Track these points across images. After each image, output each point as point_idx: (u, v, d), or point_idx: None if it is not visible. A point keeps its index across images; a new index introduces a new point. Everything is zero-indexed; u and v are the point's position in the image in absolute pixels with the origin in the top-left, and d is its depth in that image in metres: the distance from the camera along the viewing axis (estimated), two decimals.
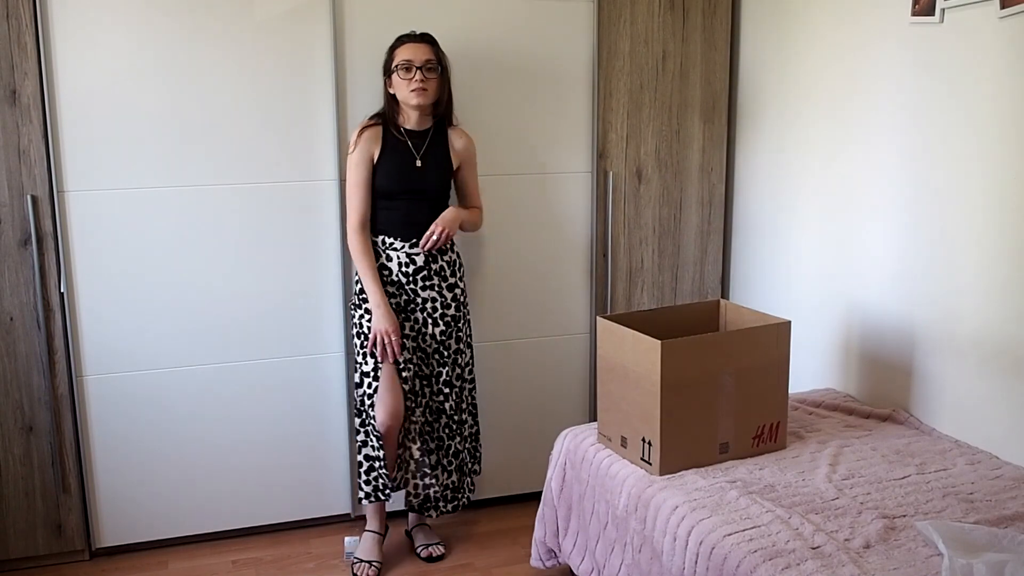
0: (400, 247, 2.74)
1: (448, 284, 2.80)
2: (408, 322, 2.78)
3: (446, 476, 2.87)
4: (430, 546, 2.92)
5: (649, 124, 3.21)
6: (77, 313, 2.80)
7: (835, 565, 1.85)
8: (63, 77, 2.67)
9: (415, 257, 2.75)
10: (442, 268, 2.79)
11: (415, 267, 2.75)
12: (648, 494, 2.24)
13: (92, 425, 2.87)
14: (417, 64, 2.66)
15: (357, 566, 2.84)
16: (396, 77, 2.68)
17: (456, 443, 2.87)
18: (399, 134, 2.74)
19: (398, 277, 2.76)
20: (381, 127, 2.75)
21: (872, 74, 2.71)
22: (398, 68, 2.67)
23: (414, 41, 2.70)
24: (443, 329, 2.80)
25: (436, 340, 2.80)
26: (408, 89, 2.67)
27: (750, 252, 3.35)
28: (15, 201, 2.68)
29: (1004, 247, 2.34)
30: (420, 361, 2.81)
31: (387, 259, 2.75)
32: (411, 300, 2.78)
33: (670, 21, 3.17)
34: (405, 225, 2.74)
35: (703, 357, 2.33)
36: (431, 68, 2.69)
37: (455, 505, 2.91)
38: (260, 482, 3.04)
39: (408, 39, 2.70)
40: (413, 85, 2.66)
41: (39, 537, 2.87)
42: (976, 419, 2.46)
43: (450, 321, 2.81)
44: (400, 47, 2.69)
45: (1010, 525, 2.01)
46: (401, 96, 2.70)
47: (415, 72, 2.66)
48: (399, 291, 2.76)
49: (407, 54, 2.67)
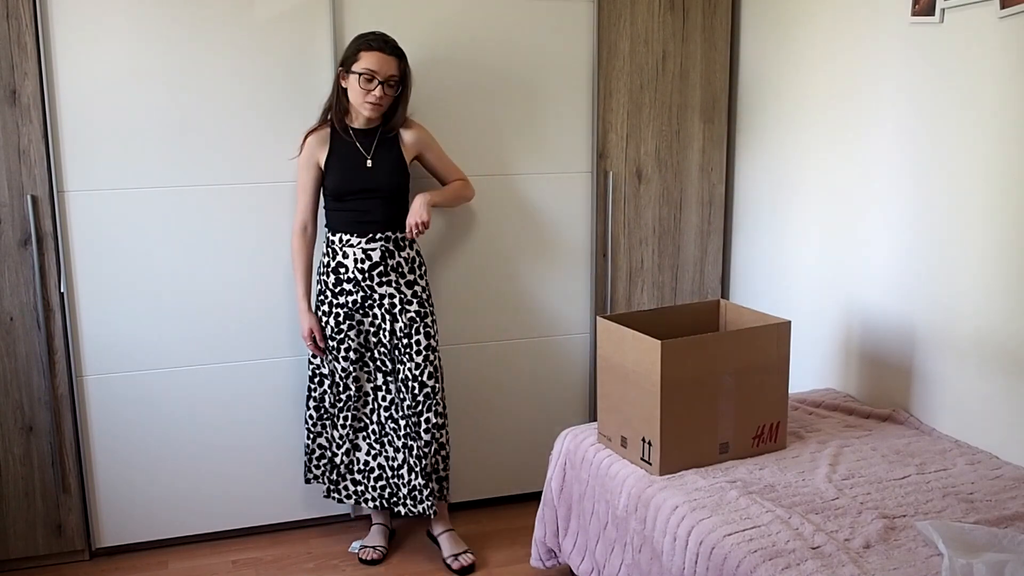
0: (356, 243, 2.72)
1: (407, 281, 2.78)
2: (367, 318, 2.77)
3: (413, 477, 2.80)
4: (460, 556, 2.87)
5: (649, 124, 3.21)
6: (77, 313, 2.80)
7: (835, 565, 1.85)
8: (63, 77, 2.67)
9: (371, 253, 2.73)
10: (399, 264, 2.77)
11: (371, 263, 2.73)
12: (648, 494, 2.24)
13: (92, 425, 2.87)
14: (380, 78, 2.62)
15: (363, 551, 2.93)
16: (354, 81, 2.63)
17: (419, 445, 2.78)
18: (347, 135, 2.72)
19: (354, 274, 2.74)
20: (328, 130, 2.72)
21: (872, 74, 2.71)
22: (360, 76, 2.61)
23: (383, 51, 2.61)
24: (403, 326, 2.76)
25: (396, 336, 2.76)
26: (364, 99, 2.63)
27: (750, 252, 3.35)
28: (15, 201, 2.68)
29: (1004, 247, 2.34)
30: (383, 356, 2.80)
31: (343, 256, 2.74)
32: (368, 296, 2.75)
33: (670, 21, 3.17)
34: (361, 223, 2.73)
35: (703, 357, 2.33)
36: (392, 84, 2.65)
37: (424, 507, 2.80)
38: (260, 482, 3.04)
39: (377, 46, 2.62)
40: (370, 98, 2.63)
41: (39, 537, 2.87)
42: (976, 419, 2.46)
43: (413, 317, 2.77)
44: (368, 52, 2.61)
45: (1010, 525, 2.01)
46: (354, 101, 2.66)
47: (376, 86, 2.62)
48: (356, 288, 2.75)
49: (373, 64, 2.60)
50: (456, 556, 2.87)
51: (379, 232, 2.74)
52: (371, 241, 2.73)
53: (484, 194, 3.08)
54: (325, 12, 2.84)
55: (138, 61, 2.72)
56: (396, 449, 2.83)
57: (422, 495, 2.80)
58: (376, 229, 2.73)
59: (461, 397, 3.17)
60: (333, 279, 2.76)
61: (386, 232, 2.75)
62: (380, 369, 2.82)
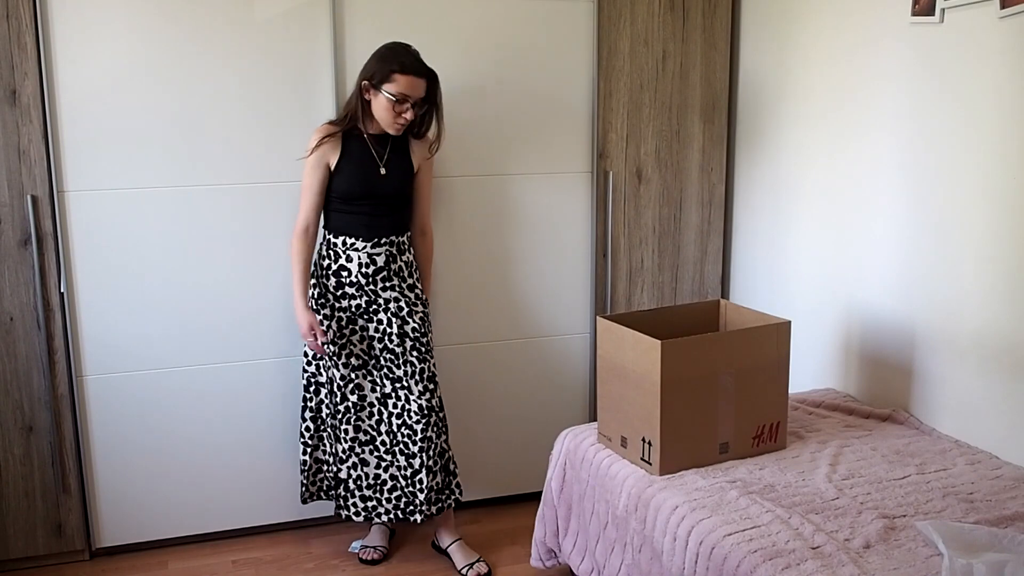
0: (362, 247, 2.70)
1: (408, 285, 2.77)
2: (371, 324, 2.76)
3: (431, 478, 2.78)
4: (475, 564, 2.85)
5: (649, 124, 3.21)
6: (77, 313, 2.80)
7: (835, 565, 1.85)
8: (63, 77, 2.67)
9: (376, 257, 2.71)
10: (401, 269, 2.76)
11: (375, 267, 2.71)
12: (648, 494, 2.24)
13: (92, 425, 2.87)
14: (412, 101, 2.60)
15: (363, 551, 2.92)
16: (384, 100, 2.59)
17: (442, 442, 2.81)
18: (362, 139, 2.69)
19: (358, 278, 2.72)
20: (340, 132, 2.69)
21: (872, 74, 2.71)
22: (393, 98, 2.57)
23: (419, 75, 2.58)
24: (416, 326, 2.74)
25: (411, 337, 2.74)
26: (394, 120, 2.61)
27: (750, 252, 3.35)
28: (15, 201, 2.68)
29: (1004, 247, 2.34)
30: (389, 364, 2.77)
31: (347, 260, 2.72)
32: (372, 301, 2.74)
33: (670, 21, 3.17)
34: (367, 227, 2.71)
35: (703, 357, 2.33)
36: (419, 104, 2.63)
37: (439, 507, 2.83)
38: (260, 482, 3.04)
39: (412, 71, 2.57)
40: (400, 120, 2.61)
41: (39, 537, 2.87)
42: (976, 419, 2.46)
43: (423, 316, 2.77)
44: (403, 76, 2.56)
45: (1010, 525, 2.01)
46: (380, 117, 2.63)
47: (407, 109, 2.60)
48: (359, 292, 2.73)
49: (407, 89, 2.57)
50: (471, 565, 2.84)
51: (385, 236, 2.73)
52: (377, 245, 2.71)
53: (484, 194, 3.08)
54: (325, 12, 2.84)
55: (138, 61, 2.72)
56: (412, 455, 2.78)
57: (439, 495, 2.81)
58: (383, 233, 2.72)
59: (461, 397, 3.17)
60: (334, 282, 2.74)
61: (391, 236, 2.74)
62: (388, 376, 2.78)
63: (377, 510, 2.86)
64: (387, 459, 2.83)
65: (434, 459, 2.79)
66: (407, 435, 2.78)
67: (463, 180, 3.07)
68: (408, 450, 2.78)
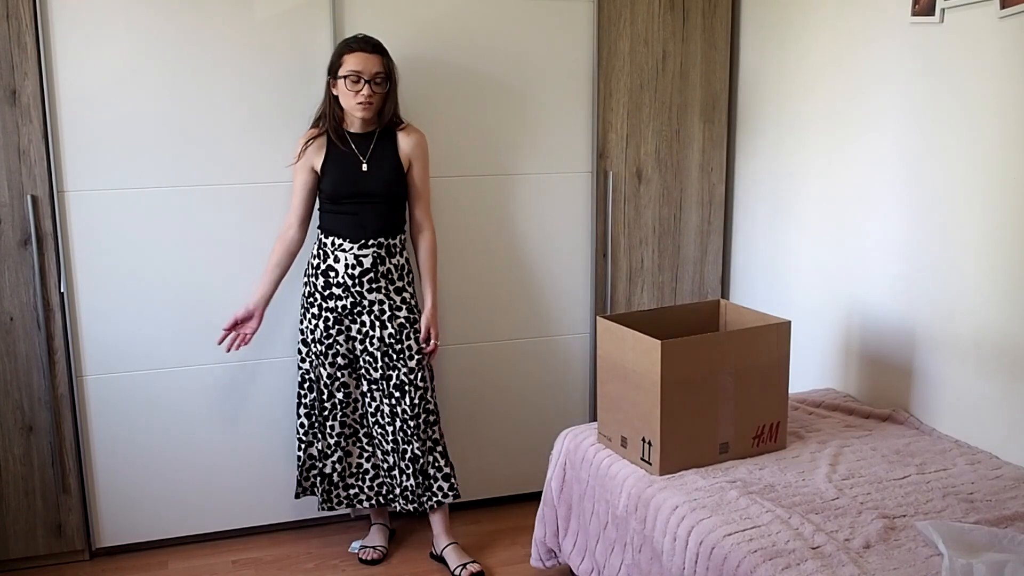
0: (349, 248, 2.71)
1: (396, 288, 2.77)
2: (355, 324, 2.77)
3: (405, 479, 2.82)
4: (467, 564, 2.85)
5: (649, 124, 3.21)
6: (77, 313, 2.80)
7: (835, 565, 1.85)
8: (63, 77, 2.67)
9: (362, 259, 2.72)
10: (389, 271, 2.76)
11: (362, 269, 2.72)
12: (648, 494, 2.24)
13: (92, 425, 2.87)
14: (366, 77, 2.62)
15: (363, 551, 2.93)
16: (342, 85, 2.63)
17: (414, 448, 2.79)
18: (343, 139, 2.71)
19: (344, 279, 2.73)
20: (325, 135, 2.72)
21: (872, 74, 2.71)
22: (346, 78, 2.61)
23: (365, 51, 2.62)
24: (392, 332, 2.76)
25: (385, 343, 2.76)
26: (355, 101, 2.63)
27: (750, 252, 3.35)
28: (15, 201, 2.68)
29: (1004, 247, 2.34)
30: (368, 364, 2.79)
31: (335, 260, 2.73)
32: (357, 303, 2.75)
33: (670, 21, 3.17)
34: (354, 227, 2.72)
35: (703, 357, 2.33)
36: (379, 81, 2.65)
37: (415, 506, 2.84)
38: (260, 482, 3.04)
39: (358, 47, 2.63)
40: (360, 99, 2.63)
41: (39, 537, 2.87)
42: (976, 419, 2.46)
43: (403, 323, 2.77)
44: (349, 55, 2.62)
45: (1010, 525, 2.01)
46: (346, 105, 2.66)
47: (363, 85, 2.62)
48: (345, 293, 2.74)
49: (356, 65, 2.61)
50: (464, 565, 2.84)
51: (372, 238, 2.72)
52: (363, 247, 2.72)
53: (484, 194, 3.08)
54: (325, 12, 2.84)
55: (138, 61, 2.72)
56: (385, 452, 2.85)
57: (415, 495, 2.83)
58: (369, 235, 2.72)
59: (461, 397, 3.17)
60: (322, 282, 2.75)
61: (379, 238, 2.74)
62: (366, 377, 2.81)
63: (359, 497, 2.91)
64: (368, 450, 2.90)
65: (407, 463, 2.81)
66: (380, 435, 2.84)
67: (463, 180, 3.07)
68: (383, 447, 2.85)
